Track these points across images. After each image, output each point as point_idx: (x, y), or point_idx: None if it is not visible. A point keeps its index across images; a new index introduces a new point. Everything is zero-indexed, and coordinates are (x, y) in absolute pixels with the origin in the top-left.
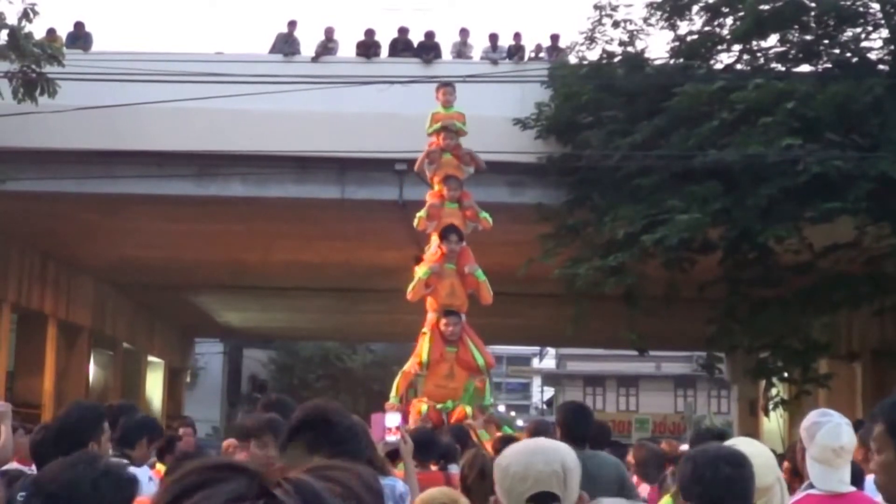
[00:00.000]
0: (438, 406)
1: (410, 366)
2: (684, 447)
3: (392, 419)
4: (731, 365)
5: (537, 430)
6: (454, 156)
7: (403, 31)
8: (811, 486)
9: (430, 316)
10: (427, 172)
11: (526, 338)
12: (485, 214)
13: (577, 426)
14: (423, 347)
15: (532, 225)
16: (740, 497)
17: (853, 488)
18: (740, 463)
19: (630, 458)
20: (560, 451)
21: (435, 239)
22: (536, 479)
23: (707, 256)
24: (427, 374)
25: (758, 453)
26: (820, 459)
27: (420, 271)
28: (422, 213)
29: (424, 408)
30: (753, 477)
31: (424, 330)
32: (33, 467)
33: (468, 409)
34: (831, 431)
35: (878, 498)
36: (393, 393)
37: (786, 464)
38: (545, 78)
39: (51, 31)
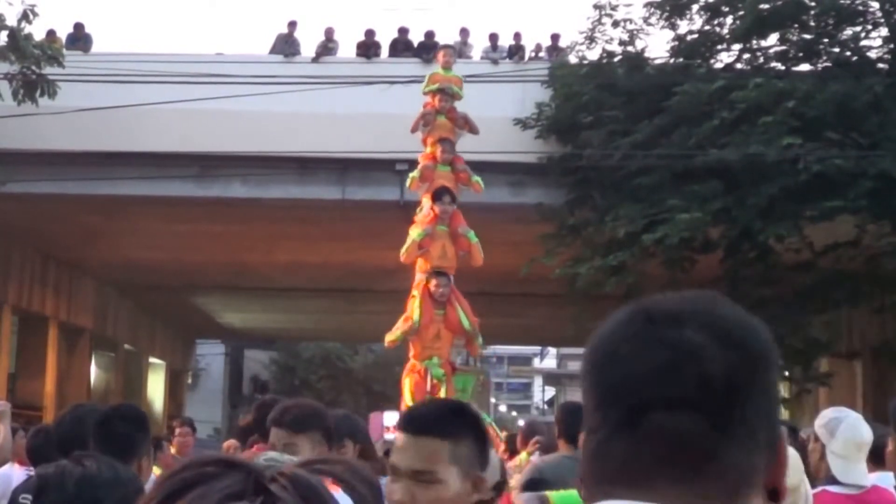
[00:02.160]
0: (425, 363)
1: (401, 326)
2: None
3: (390, 418)
4: None
5: (531, 430)
6: (449, 118)
7: (403, 31)
8: (831, 481)
9: (419, 277)
10: (421, 134)
11: (527, 338)
12: (477, 178)
13: (575, 426)
14: (414, 310)
15: (533, 225)
16: None
17: (873, 482)
18: None
19: None
20: None
21: (426, 201)
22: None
23: (708, 256)
24: (415, 338)
25: None
26: (842, 454)
27: (413, 233)
28: (414, 174)
29: (407, 389)
30: None
31: (414, 292)
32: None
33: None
34: (852, 426)
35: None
36: (389, 335)
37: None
38: (545, 78)
39: (51, 33)
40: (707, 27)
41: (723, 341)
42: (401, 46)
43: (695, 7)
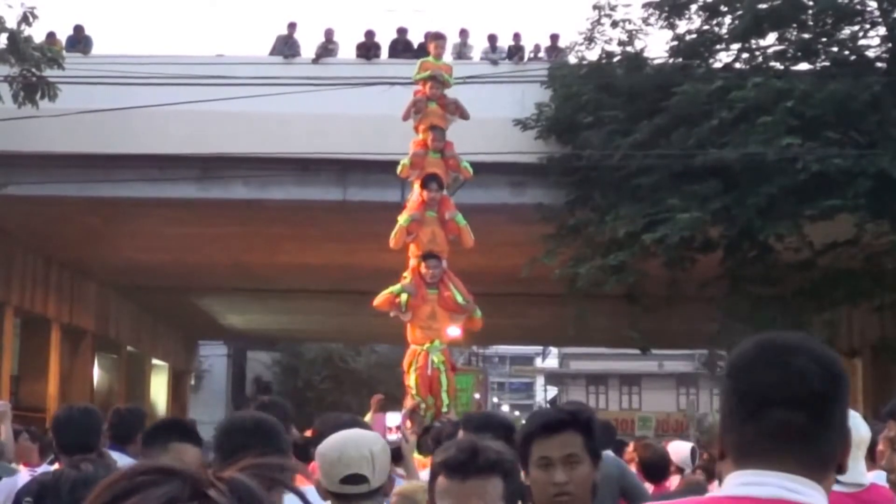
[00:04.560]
0: (426, 346)
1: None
2: (677, 444)
3: (392, 419)
4: None
5: None
6: (439, 105)
7: (402, 31)
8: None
9: (412, 262)
10: (413, 121)
11: (528, 337)
12: (466, 164)
13: None
14: (405, 282)
15: (533, 225)
16: None
17: (871, 480)
18: None
19: (631, 454)
20: (369, 438)
21: (416, 187)
22: (348, 463)
23: (708, 255)
24: (411, 319)
25: None
26: None
27: (401, 219)
28: (405, 161)
29: (414, 390)
30: None
31: (405, 274)
32: (38, 470)
33: (445, 398)
34: (850, 425)
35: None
36: (377, 299)
37: None
38: (545, 78)
39: (51, 35)
40: (706, 27)
41: (821, 367)
42: (400, 47)
43: (693, 7)
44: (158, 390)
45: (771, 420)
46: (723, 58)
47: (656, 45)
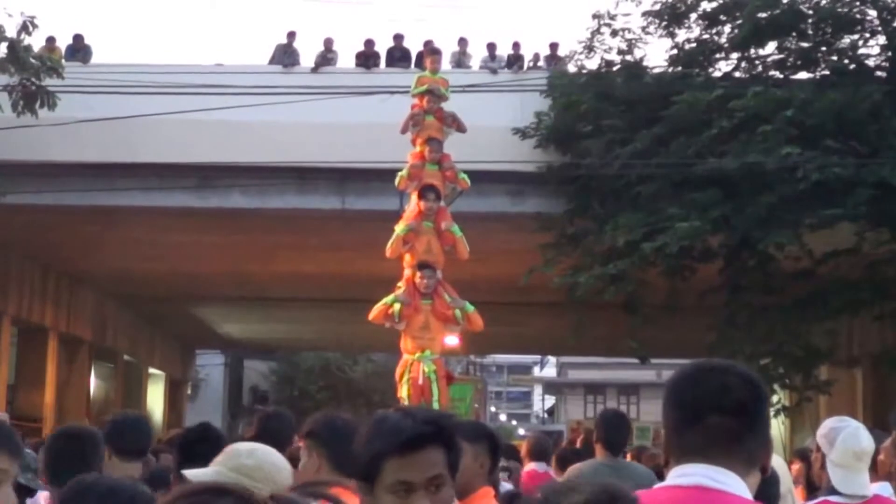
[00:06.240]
0: (417, 356)
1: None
2: None
3: None
4: None
5: (538, 444)
6: (437, 118)
7: (398, 38)
8: (832, 491)
9: (407, 272)
10: (410, 134)
11: (526, 346)
12: (463, 175)
13: (614, 434)
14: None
15: (532, 234)
16: None
17: (874, 492)
18: (768, 483)
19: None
20: None
21: (414, 198)
22: None
23: (707, 264)
24: (405, 329)
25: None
26: (842, 464)
27: (398, 228)
28: (403, 173)
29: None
30: (778, 496)
31: (399, 284)
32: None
33: (437, 407)
34: (851, 435)
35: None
36: (372, 312)
37: (796, 465)
38: (544, 87)
39: (50, 40)
40: (705, 36)
41: (745, 382)
42: (397, 54)
43: (693, 16)
44: (155, 399)
45: (706, 424)
46: (722, 67)
47: (656, 54)
